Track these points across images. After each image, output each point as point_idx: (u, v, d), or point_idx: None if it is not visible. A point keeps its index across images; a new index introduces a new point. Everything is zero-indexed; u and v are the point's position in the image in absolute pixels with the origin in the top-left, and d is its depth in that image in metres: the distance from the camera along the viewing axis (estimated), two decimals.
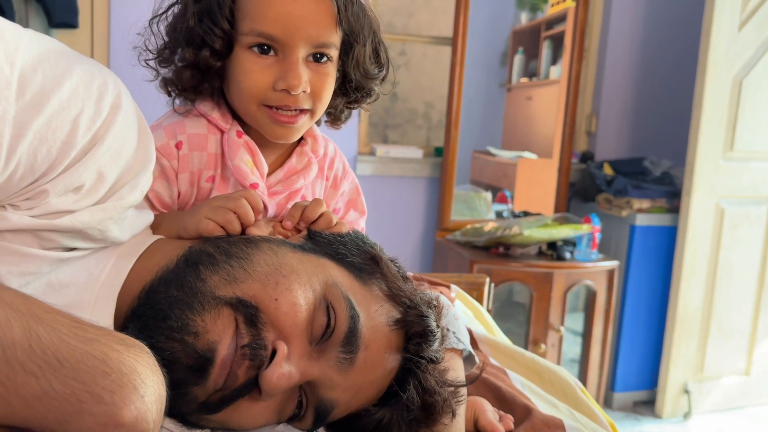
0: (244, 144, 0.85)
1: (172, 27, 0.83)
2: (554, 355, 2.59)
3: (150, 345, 0.51)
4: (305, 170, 0.91)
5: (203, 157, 0.85)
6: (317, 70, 0.82)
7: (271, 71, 0.80)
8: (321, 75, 0.83)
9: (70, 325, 0.45)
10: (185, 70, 0.82)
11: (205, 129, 0.86)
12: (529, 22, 3.55)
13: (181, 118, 0.86)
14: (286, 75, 0.79)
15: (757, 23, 2.62)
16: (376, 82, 0.93)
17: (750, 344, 2.94)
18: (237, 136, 0.85)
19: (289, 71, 0.79)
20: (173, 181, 0.84)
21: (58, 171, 0.56)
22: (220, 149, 0.86)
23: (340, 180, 0.99)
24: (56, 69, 0.56)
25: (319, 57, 0.82)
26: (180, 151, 0.83)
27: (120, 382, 0.45)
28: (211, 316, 0.60)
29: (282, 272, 0.65)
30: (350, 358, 0.64)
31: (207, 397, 0.61)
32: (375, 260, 0.74)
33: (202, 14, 0.79)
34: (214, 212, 0.75)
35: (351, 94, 0.92)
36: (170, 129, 0.83)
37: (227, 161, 0.85)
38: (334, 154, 0.98)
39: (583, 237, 2.63)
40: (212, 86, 0.84)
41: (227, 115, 0.86)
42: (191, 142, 0.84)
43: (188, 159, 0.84)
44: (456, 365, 0.84)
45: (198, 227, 0.74)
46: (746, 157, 2.75)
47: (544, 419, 0.85)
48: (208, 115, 0.86)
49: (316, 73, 0.82)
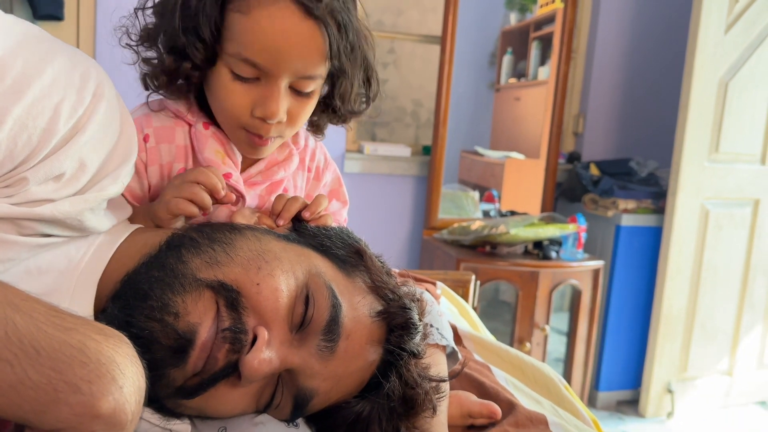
0: (212, 135, 0.84)
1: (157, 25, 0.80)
2: (539, 353, 2.60)
3: (129, 325, 0.51)
4: (286, 161, 0.91)
5: (172, 150, 0.84)
6: (298, 99, 0.80)
7: (251, 94, 0.77)
8: (301, 103, 0.81)
9: (47, 313, 0.44)
10: (161, 75, 0.79)
11: (172, 122, 0.84)
12: (518, 23, 3.56)
13: (148, 111, 0.84)
14: (265, 103, 0.77)
15: (744, 26, 2.64)
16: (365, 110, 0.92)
17: (733, 345, 2.97)
18: (204, 128, 0.84)
19: (269, 99, 0.77)
20: (143, 174, 0.83)
21: (39, 159, 0.55)
22: (189, 141, 0.85)
23: (322, 171, 0.99)
24: (37, 55, 0.55)
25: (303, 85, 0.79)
26: (147, 143, 0.82)
27: (98, 372, 0.44)
28: (192, 298, 0.60)
29: (265, 258, 0.65)
30: (331, 347, 0.64)
31: (185, 380, 0.60)
32: (359, 254, 0.74)
33: (188, 25, 0.75)
34: (177, 189, 0.74)
35: (335, 113, 0.90)
36: (137, 122, 0.81)
37: (198, 154, 0.84)
38: (315, 146, 0.98)
39: (569, 237, 2.64)
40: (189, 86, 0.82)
41: (194, 108, 0.85)
42: (158, 135, 0.83)
43: (156, 152, 0.83)
44: (439, 361, 0.84)
45: (168, 209, 0.74)
46: (731, 158, 2.77)
47: (528, 414, 0.86)
48: (173, 109, 0.84)
49: (296, 101, 0.80)
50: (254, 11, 0.73)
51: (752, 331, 3.00)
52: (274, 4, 0.73)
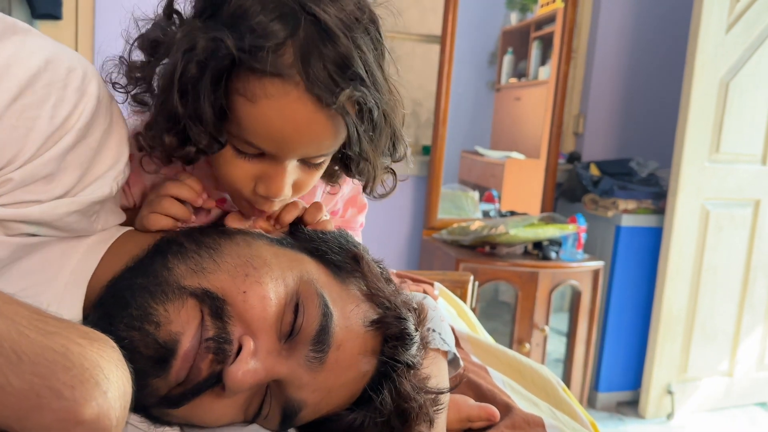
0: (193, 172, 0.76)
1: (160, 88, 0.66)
2: (538, 354, 2.59)
3: (109, 333, 0.49)
4: None
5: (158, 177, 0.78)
6: (307, 170, 0.71)
7: (255, 169, 0.68)
8: (309, 174, 0.71)
9: (30, 317, 0.43)
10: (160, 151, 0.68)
11: None
12: (519, 23, 3.55)
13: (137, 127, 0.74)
14: (269, 182, 0.67)
15: (745, 26, 2.63)
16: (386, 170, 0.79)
17: (733, 346, 2.96)
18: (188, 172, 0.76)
19: (274, 179, 0.67)
20: (128, 192, 0.78)
21: (25, 159, 0.54)
22: None
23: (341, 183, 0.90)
24: (24, 53, 0.54)
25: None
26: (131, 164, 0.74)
27: (81, 377, 0.43)
28: (174, 307, 0.58)
29: (253, 264, 0.62)
30: (320, 358, 0.61)
31: (169, 390, 0.59)
32: (356, 259, 0.71)
33: (189, 109, 0.63)
34: (151, 205, 0.71)
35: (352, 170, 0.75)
36: None
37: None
38: None
39: (569, 237, 2.64)
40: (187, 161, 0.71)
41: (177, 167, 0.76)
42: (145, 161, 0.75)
43: (140, 173, 0.76)
44: (440, 368, 0.83)
45: (143, 224, 0.71)
46: (732, 159, 2.76)
47: (525, 417, 0.85)
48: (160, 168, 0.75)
49: (305, 172, 0.71)
50: (261, 102, 0.61)
51: (753, 332, 2.99)
52: (285, 96, 0.61)
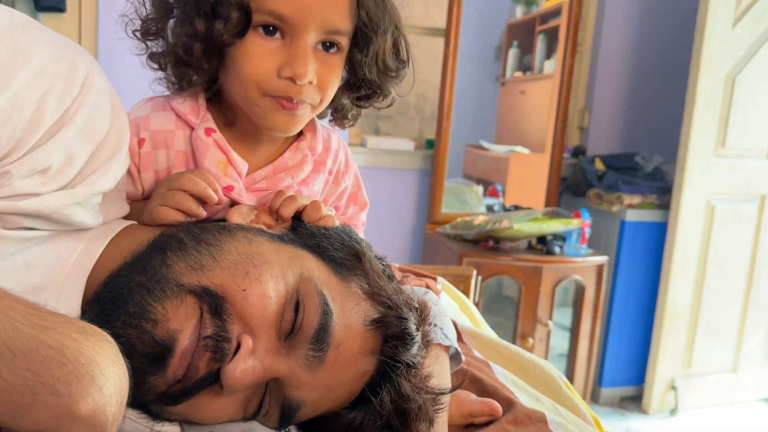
0: (214, 143, 0.78)
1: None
2: (542, 349, 2.59)
3: (106, 330, 0.49)
4: (295, 168, 0.84)
5: (170, 155, 0.79)
6: (325, 60, 0.74)
7: (277, 56, 0.72)
8: (329, 67, 0.75)
9: (25, 312, 0.43)
10: (194, 42, 0.72)
11: (173, 125, 0.79)
12: (524, 16, 3.53)
13: (148, 112, 0.79)
14: (294, 62, 0.71)
15: (751, 20, 2.61)
16: (395, 81, 0.84)
17: (737, 341, 2.95)
18: (205, 134, 0.78)
19: (297, 58, 0.71)
20: (136, 178, 0.79)
21: (23, 152, 0.54)
22: (190, 147, 0.79)
23: (342, 174, 0.93)
24: (23, 44, 0.53)
25: (329, 46, 0.74)
26: (142, 149, 0.78)
27: (77, 373, 0.42)
28: (172, 304, 0.58)
29: (253, 262, 0.62)
30: (319, 356, 0.61)
31: (167, 387, 0.58)
32: (358, 256, 0.70)
33: None
34: (163, 197, 0.71)
35: (362, 90, 0.83)
36: (134, 124, 0.77)
37: (198, 163, 0.79)
38: (338, 147, 0.91)
39: (573, 232, 2.63)
40: (210, 70, 0.76)
41: (200, 109, 0.79)
42: (155, 140, 0.78)
43: (151, 158, 0.78)
44: (442, 362, 0.82)
45: (152, 216, 0.71)
46: (738, 154, 2.75)
47: (527, 412, 0.84)
48: (176, 109, 0.79)
49: (324, 64, 0.74)
50: None
51: (757, 327, 2.98)
52: None
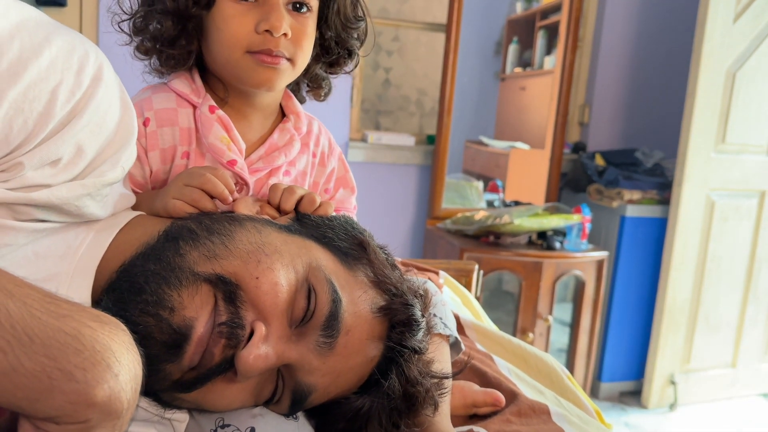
0: (218, 119, 0.83)
1: None
2: (542, 344, 2.59)
3: (123, 319, 0.50)
4: (287, 147, 0.90)
5: (175, 133, 0.83)
6: (297, 19, 0.82)
7: (252, 15, 0.80)
8: (301, 24, 0.83)
9: (42, 300, 0.44)
10: (165, 19, 0.80)
11: (174, 103, 0.84)
12: (525, 12, 3.53)
13: (150, 94, 0.84)
14: (269, 16, 0.79)
15: (752, 15, 2.61)
16: (355, 38, 0.93)
17: (737, 337, 2.96)
18: (209, 111, 0.83)
19: (271, 12, 0.79)
20: (144, 159, 0.82)
21: (35, 143, 0.54)
22: (193, 123, 0.84)
23: (327, 157, 0.98)
24: (35, 38, 0.54)
25: (299, 6, 0.82)
26: (147, 128, 0.82)
27: (93, 359, 0.43)
28: (188, 292, 0.59)
29: (265, 251, 0.63)
30: (330, 343, 0.63)
31: (181, 374, 0.59)
32: (362, 246, 0.72)
33: None
34: (180, 192, 0.73)
35: (330, 53, 0.92)
36: (137, 106, 0.80)
37: (202, 138, 0.83)
38: (319, 132, 0.97)
39: (574, 227, 2.63)
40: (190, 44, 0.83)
41: (200, 89, 0.85)
42: (159, 118, 0.82)
43: (157, 136, 0.82)
44: (442, 351, 0.84)
45: (166, 208, 0.73)
46: (738, 149, 2.75)
47: (530, 404, 0.85)
48: (176, 89, 0.84)
49: (296, 21, 0.82)
50: None
51: (756, 323, 2.99)
52: None
